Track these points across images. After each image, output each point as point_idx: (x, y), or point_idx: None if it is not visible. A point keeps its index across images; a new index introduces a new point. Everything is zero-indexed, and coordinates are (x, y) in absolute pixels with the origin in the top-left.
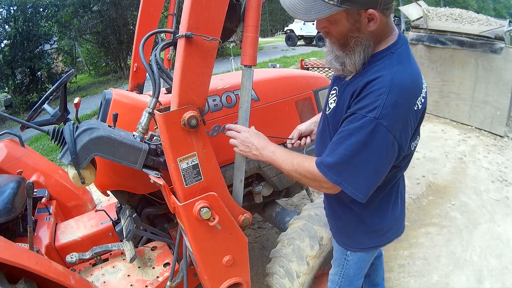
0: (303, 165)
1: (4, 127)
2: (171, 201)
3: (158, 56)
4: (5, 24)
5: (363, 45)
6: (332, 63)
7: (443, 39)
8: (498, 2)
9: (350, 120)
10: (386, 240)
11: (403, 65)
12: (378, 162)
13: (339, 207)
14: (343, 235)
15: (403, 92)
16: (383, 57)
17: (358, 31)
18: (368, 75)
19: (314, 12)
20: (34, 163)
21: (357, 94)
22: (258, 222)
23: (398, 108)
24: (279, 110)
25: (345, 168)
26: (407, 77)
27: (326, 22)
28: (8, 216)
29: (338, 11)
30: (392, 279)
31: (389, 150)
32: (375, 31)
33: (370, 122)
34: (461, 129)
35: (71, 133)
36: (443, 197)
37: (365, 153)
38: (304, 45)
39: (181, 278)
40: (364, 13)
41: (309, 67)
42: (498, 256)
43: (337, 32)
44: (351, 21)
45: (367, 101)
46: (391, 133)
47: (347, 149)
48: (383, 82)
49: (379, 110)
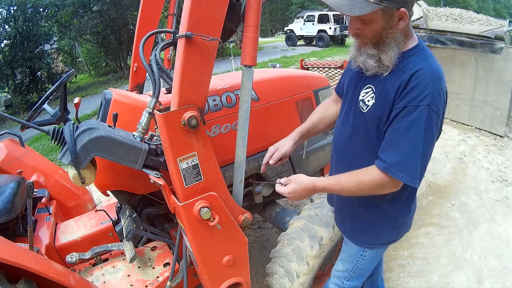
0: (363, 181)
1: (4, 127)
2: (171, 201)
3: (158, 56)
4: (5, 24)
5: (397, 41)
6: (366, 62)
7: (443, 39)
8: (498, 2)
9: (404, 115)
10: (403, 233)
11: (433, 59)
12: (431, 146)
13: (364, 207)
14: (364, 234)
15: (441, 80)
16: (415, 53)
17: (391, 28)
18: (410, 68)
19: (357, 8)
20: (34, 163)
21: (404, 86)
22: (258, 222)
23: (440, 94)
24: (279, 110)
25: (410, 163)
26: (439, 68)
27: (360, 23)
28: (8, 216)
29: (377, 9)
30: (392, 279)
31: (436, 132)
32: (403, 29)
33: (424, 110)
34: (461, 129)
35: (71, 133)
36: (443, 197)
37: (424, 141)
38: (304, 45)
39: (181, 278)
40: (396, 12)
41: (309, 67)
42: (498, 256)
43: (372, 31)
44: (386, 19)
45: (417, 92)
46: (438, 116)
47: (411, 142)
48: (426, 73)
49: (429, 97)
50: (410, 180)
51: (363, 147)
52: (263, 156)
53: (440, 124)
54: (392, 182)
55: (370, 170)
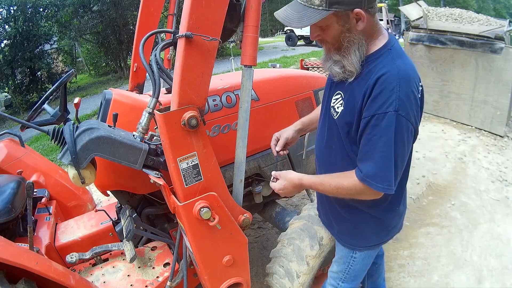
0: (342, 185)
1: (4, 127)
2: (171, 201)
3: (158, 56)
4: (5, 24)
5: (356, 44)
6: (331, 69)
7: (443, 39)
8: (498, 2)
9: (374, 124)
10: (393, 234)
11: (402, 59)
12: (404, 153)
13: (345, 209)
14: (351, 237)
15: (410, 82)
16: (382, 54)
17: (349, 31)
18: (375, 72)
19: (306, 19)
20: (34, 163)
21: (370, 92)
22: (258, 222)
23: (409, 97)
24: (279, 110)
25: (385, 173)
26: (409, 68)
27: (319, 30)
28: (8, 216)
29: (328, 15)
30: (392, 279)
31: (410, 138)
32: (365, 30)
33: (392, 117)
34: (461, 129)
35: (71, 133)
36: (443, 197)
37: (396, 149)
38: (304, 45)
39: (181, 278)
40: (352, 14)
41: (309, 67)
42: (498, 256)
43: (331, 36)
44: (341, 23)
45: (383, 98)
46: (409, 121)
47: (382, 151)
48: (392, 76)
49: (396, 102)
50: (387, 189)
51: (338, 152)
52: (263, 156)
53: (413, 127)
54: (371, 191)
55: (351, 177)
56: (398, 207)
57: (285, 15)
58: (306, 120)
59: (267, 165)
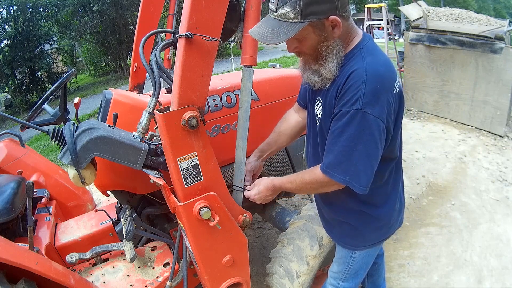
0: (304, 180)
1: (4, 127)
2: (171, 201)
3: (158, 56)
4: (5, 24)
5: (334, 51)
6: (310, 78)
7: (443, 39)
8: (498, 2)
9: (337, 118)
10: (391, 232)
11: (373, 56)
12: (372, 150)
13: (344, 212)
14: (350, 237)
15: (379, 79)
16: (354, 54)
17: (326, 39)
18: (345, 73)
19: (283, 33)
20: (34, 163)
21: (339, 90)
22: (258, 222)
23: (379, 94)
24: (279, 110)
25: (347, 165)
26: (380, 64)
27: (296, 42)
28: (8, 216)
29: (304, 27)
30: (392, 279)
31: (380, 136)
32: (341, 35)
33: (356, 114)
34: (461, 129)
35: (71, 133)
36: (443, 197)
37: (360, 145)
38: None
39: (181, 278)
40: (327, 22)
41: None
42: (498, 256)
43: (308, 47)
44: (318, 33)
45: (349, 96)
46: (378, 118)
47: (343, 145)
48: (358, 74)
49: (361, 100)
50: (349, 183)
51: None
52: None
53: (384, 126)
54: (332, 182)
55: (314, 171)
56: (394, 204)
57: (260, 33)
58: (265, 147)
59: (267, 165)
